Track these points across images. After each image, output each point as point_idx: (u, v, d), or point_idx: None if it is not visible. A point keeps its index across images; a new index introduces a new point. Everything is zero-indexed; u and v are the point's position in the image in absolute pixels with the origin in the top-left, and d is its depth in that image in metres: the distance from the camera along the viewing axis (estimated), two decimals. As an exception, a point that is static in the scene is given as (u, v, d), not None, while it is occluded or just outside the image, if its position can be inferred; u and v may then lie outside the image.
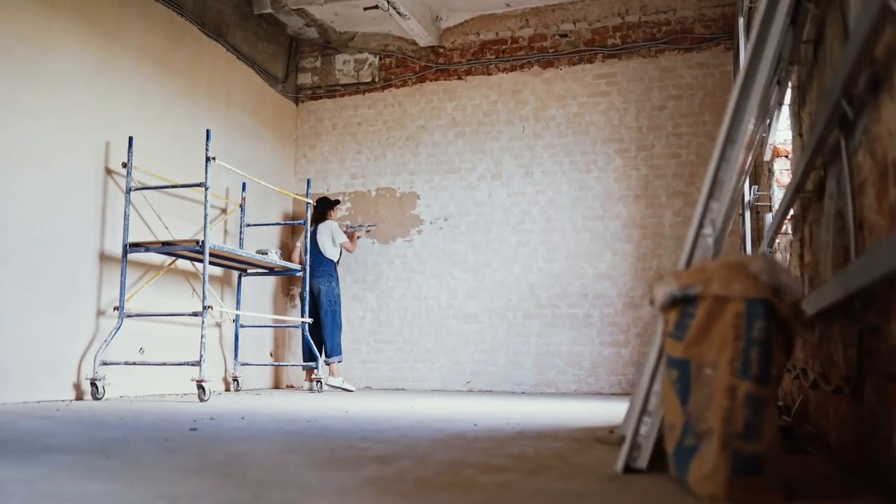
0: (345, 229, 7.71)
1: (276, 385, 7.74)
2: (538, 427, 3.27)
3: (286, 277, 7.91)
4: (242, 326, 6.88)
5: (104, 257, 5.41)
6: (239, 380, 6.75)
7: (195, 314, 5.19)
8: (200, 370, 5.00)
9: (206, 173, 5.25)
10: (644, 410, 1.93)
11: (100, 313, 5.36)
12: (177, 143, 6.18)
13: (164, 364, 5.16)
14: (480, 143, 7.68)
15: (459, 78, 7.84)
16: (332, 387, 7.00)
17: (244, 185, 6.96)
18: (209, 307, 5.16)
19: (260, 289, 7.49)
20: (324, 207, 7.28)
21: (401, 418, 3.70)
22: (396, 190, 7.88)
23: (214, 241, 6.58)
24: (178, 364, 5.12)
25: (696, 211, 2.18)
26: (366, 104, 8.10)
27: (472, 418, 3.74)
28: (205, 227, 5.20)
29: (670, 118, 7.18)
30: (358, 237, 7.57)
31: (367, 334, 7.77)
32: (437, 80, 7.91)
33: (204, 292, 5.17)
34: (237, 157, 7.05)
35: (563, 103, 7.50)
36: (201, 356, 5.02)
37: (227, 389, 6.79)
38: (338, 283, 7.19)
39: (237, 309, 6.85)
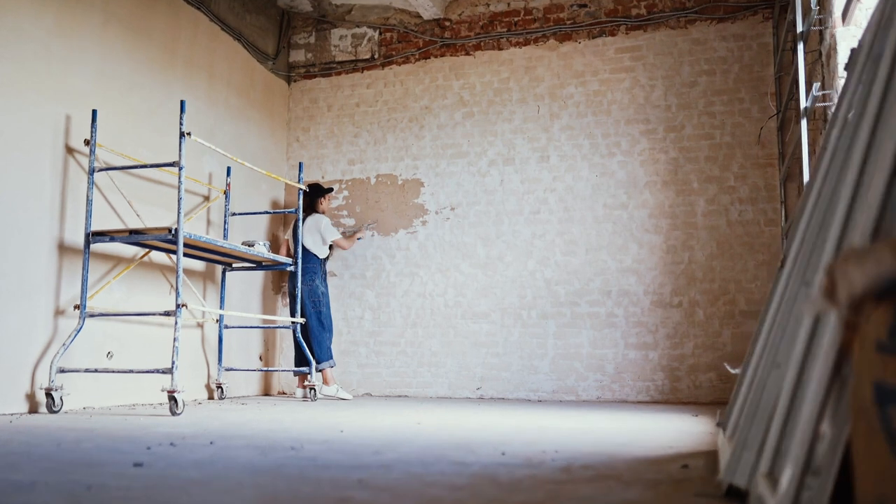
0: (343, 230, 6.99)
1: (267, 391, 7.03)
2: (585, 457, 2.56)
3: (278, 273, 7.19)
4: (227, 327, 6.16)
5: (64, 248, 4.70)
6: (224, 387, 6.03)
7: (167, 314, 4.47)
8: (172, 379, 4.29)
9: (179, 151, 4.53)
10: (807, 466, 1.22)
11: (58, 313, 4.65)
12: (149, 120, 5.46)
13: (131, 372, 4.45)
14: (491, 124, 6.97)
15: (467, 53, 7.12)
16: (327, 396, 6.29)
17: (228, 169, 6.24)
18: (183, 305, 4.45)
19: (248, 285, 6.77)
20: (313, 196, 6.56)
21: (408, 442, 2.99)
22: (398, 177, 7.17)
23: (195, 230, 5.86)
24: (146, 372, 4.40)
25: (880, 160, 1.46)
26: (364, 83, 7.38)
27: (496, 441, 3.03)
28: (178, 212, 4.48)
29: (702, 95, 6.47)
30: (359, 238, 6.86)
31: (367, 336, 7.06)
32: (442, 56, 7.19)
33: (178, 288, 4.46)
34: (221, 138, 6.33)
35: (583, 80, 6.78)
36: (173, 363, 4.31)
37: (211, 397, 6.07)
38: (323, 281, 6.47)
39: (221, 307, 6.13)
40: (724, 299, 6.23)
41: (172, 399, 4.26)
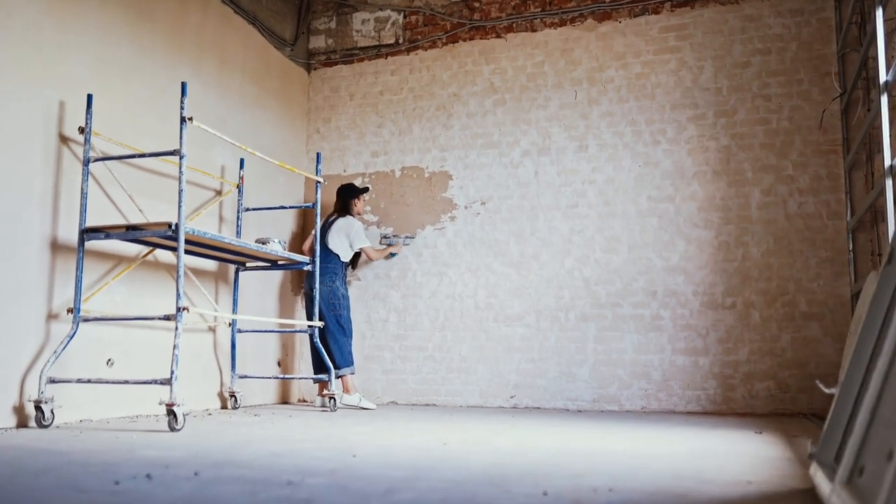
0: (384, 238, 6.54)
1: (285, 399, 6.59)
2: (649, 499, 2.05)
3: (297, 273, 6.75)
4: (240, 331, 5.72)
5: (58, 246, 4.28)
6: (237, 395, 5.60)
7: (167, 318, 4.03)
8: (171, 391, 3.84)
9: (180, 138, 4.09)
10: None
11: (51, 317, 4.23)
12: (153, 107, 5.03)
13: (126, 382, 4.01)
14: (524, 112, 6.46)
15: (498, 36, 6.62)
16: (349, 406, 5.84)
17: (242, 161, 5.81)
18: (184, 309, 4.00)
19: (265, 286, 6.34)
20: (345, 197, 6.12)
21: (430, 472, 2.50)
22: (425, 169, 6.68)
23: (205, 227, 5.43)
24: (143, 382, 3.96)
25: None
26: (388, 70, 6.91)
27: (536, 472, 2.53)
28: (179, 205, 4.03)
29: (756, 77, 5.90)
30: (393, 254, 6.40)
31: (392, 339, 6.59)
32: (471, 39, 6.69)
33: (178, 290, 4.01)
34: (234, 128, 5.90)
35: (624, 62, 6.25)
36: (172, 372, 3.86)
37: (224, 407, 5.64)
38: (343, 283, 6.01)
39: (234, 310, 5.69)
40: (782, 300, 5.66)
41: (171, 413, 3.82)
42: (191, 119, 4.12)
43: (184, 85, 4.13)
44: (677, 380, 5.81)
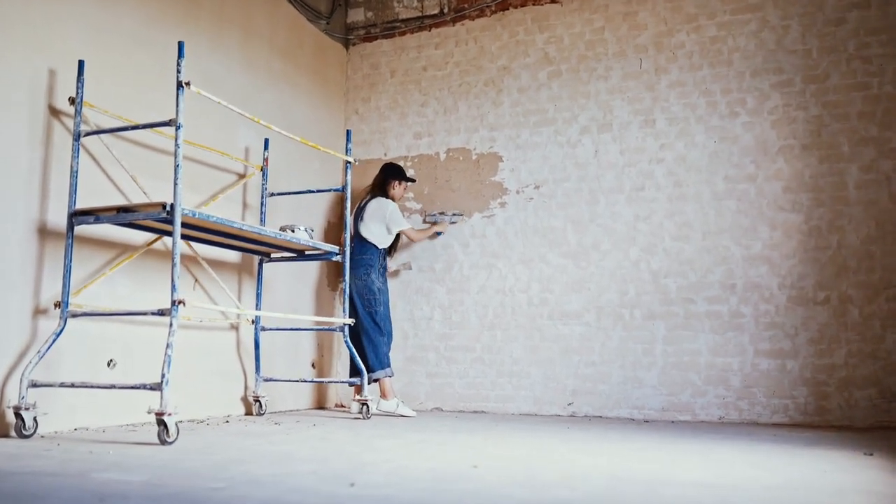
0: (426, 218, 5.93)
1: (321, 404, 6.03)
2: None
3: (335, 266, 6.19)
4: (264, 329, 5.18)
5: (47, 233, 3.79)
6: (262, 400, 5.06)
7: (161, 313, 3.50)
8: (161, 398, 3.30)
9: (177, 107, 3.55)
10: None
11: (39, 312, 3.75)
12: (164, 82, 4.52)
13: (113, 387, 3.48)
14: (582, 84, 5.76)
15: (553, 1, 5.93)
16: (386, 413, 5.25)
17: (266, 141, 5.27)
18: (180, 302, 3.46)
19: (298, 280, 5.79)
20: (386, 174, 5.53)
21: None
22: (472, 151, 6.04)
23: (225, 214, 4.91)
24: (132, 387, 3.42)
25: None
26: (432, 43, 6.29)
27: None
28: (175, 183, 3.49)
29: (853, 35, 5.08)
30: (438, 233, 5.78)
31: (436, 339, 5.97)
32: (523, 5, 6.03)
33: (173, 281, 3.47)
34: (260, 107, 5.37)
35: (696, 25, 5.49)
36: (163, 376, 3.32)
37: (249, 413, 5.12)
38: (380, 275, 5.41)
39: (257, 306, 5.16)
40: (886, 294, 4.83)
41: (161, 424, 3.27)
42: (188, 84, 3.57)
43: (180, 44, 3.59)
44: (761, 386, 5.04)
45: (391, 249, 5.67)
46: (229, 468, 2.63)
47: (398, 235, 5.60)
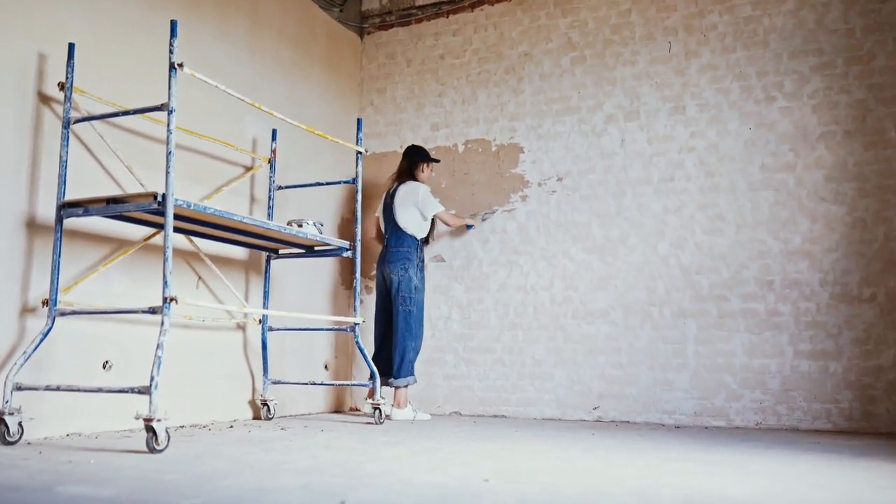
0: (453, 212, 5.66)
1: (338, 407, 5.78)
2: None
3: (350, 264, 5.94)
4: (271, 330, 4.93)
5: (36, 226, 3.58)
6: (270, 404, 4.81)
7: (152, 311, 3.26)
8: (150, 403, 3.06)
9: (169, 90, 3.31)
10: None
11: (27, 310, 3.53)
12: (164, 67, 4.29)
13: (100, 390, 3.24)
14: (608, 70, 5.45)
15: (576, -17, 5.63)
16: (404, 421, 4.98)
17: (274, 132, 5.03)
18: (171, 300, 3.22)
19: (312, 277, 5.55)
20: (412, 158, 5.26)
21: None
22: (491, 142, 5.76)
23: (231, 207, 4.68)
24: (119, 391, 3.19)
25: None
26: (450, 30, 6.02)
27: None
28: (167, 173, 3.25)
29: (900, 12, 4.73)
30: (469, 226, 5.51)
31: (454, 340, 5.69)
32: (545, -11, 5.73)
33: (165, 276, 3.23)
34: (269, 98, 5.13)
35: (729, 5, 5.16)
36: (152, 379, 3.08)
37: (257, 416, 4.88)
38: (420, 271, 5.14)
39: (264, 305, 4.92)
40: (939, 290, 4.47)
41: (150, 430, 3.03)
42: (181, 65, 3.33)
43: (173, 23, 3.35)
44: (801, 390, 4.69)
45: (427, 239, 5.40)
46: (212, 482, 2.38)
47: (433, 223, 5.33)
